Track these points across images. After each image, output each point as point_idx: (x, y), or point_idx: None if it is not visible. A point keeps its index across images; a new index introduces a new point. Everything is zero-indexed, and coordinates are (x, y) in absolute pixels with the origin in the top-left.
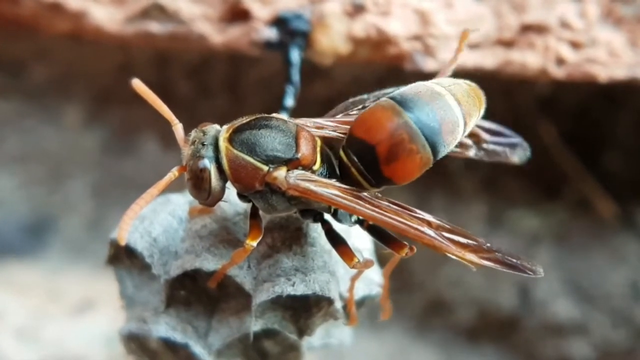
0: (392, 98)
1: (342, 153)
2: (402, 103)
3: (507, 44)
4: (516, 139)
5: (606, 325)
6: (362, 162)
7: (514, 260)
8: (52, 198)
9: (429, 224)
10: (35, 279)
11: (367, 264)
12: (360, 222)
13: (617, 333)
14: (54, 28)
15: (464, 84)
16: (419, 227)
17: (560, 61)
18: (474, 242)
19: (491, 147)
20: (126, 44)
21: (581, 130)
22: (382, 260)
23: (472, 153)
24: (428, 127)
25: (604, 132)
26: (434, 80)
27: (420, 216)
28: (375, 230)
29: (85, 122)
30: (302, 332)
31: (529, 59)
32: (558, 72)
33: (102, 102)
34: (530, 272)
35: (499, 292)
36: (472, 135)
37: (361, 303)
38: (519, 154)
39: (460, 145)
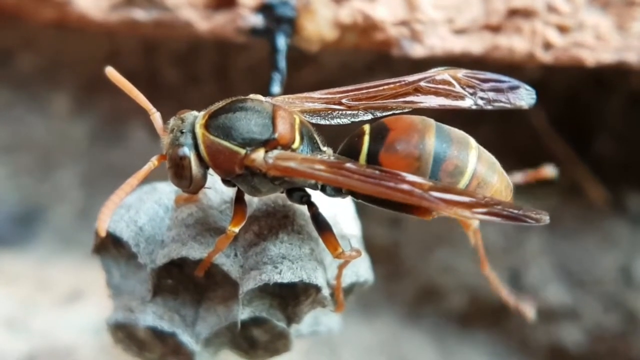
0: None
1: (367, 125)
2: (439, 129)
3: (494, 28)
4: (516, 82)
5: (597, 310)
6: (372, 138)
7: (515, 211)
8: (41, 188)
9: (419, 185)
10: (24, 269)
11: (352, 255)
12: (352, 193)
13: (609, 318)
14: (39, 16)
15: (500, 167)
16: (406, 188)
17: (547, 45)
18: (470, 198)
19: (490, 94)
20: (112, 31)
21: (571, 115)
22: (370, 247)
23: (468, 103)
24: (438, 154)
25: (594, 116)
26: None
27: (410, 179)
28: (377, 201)
29: (73, 111)
30: (290, 319)
31: (516, 43)
32: (545, 57)
33: (90, 91)
34: (533, 221)
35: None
36: (464, 84)
37: (349, 290)
38: (524, 97)
39: (453, 96)
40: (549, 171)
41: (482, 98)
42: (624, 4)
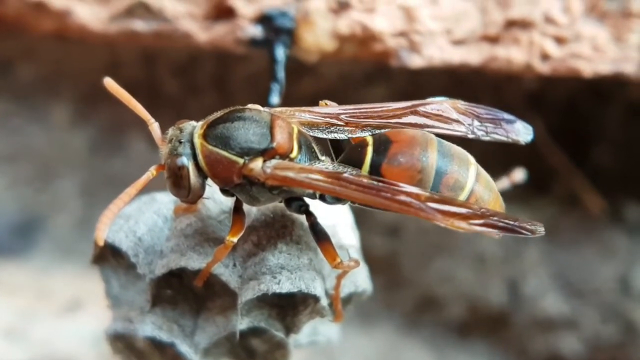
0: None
1: (369, 136)
2: (440, 144)
3: (492, 39)
4: (513, 117)
5: (596, 320)
6: (375, 149)
7: (511, 222)
8: (41, 197)
9: (417, 196)
10: (24, 279)
11: (351, 265)
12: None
13: (607, 328)
14: (39, 27)
15: (495, 187)
16: (404, 200)
17: (544, 56)
18: (467, 210)
19: (488, 126)
20: (112, 42)
21: (569, 125)
22: (369, 257)
23: (464, 130)
24: (440, 168)
25: (592, 127)
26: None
27: (408, 190)
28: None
29: (73, 121)
30: (289, 329)
31: (514, 54)
32: (543, 68)
33: (90, 101)
34: (528, 233)
35: (489, 288)
36: (462, 113)
37: (348, 300)
38: (521, 133)
39: (450, 123)
40: (519, 174)
41: (479, 129)
42: (621, 15)
